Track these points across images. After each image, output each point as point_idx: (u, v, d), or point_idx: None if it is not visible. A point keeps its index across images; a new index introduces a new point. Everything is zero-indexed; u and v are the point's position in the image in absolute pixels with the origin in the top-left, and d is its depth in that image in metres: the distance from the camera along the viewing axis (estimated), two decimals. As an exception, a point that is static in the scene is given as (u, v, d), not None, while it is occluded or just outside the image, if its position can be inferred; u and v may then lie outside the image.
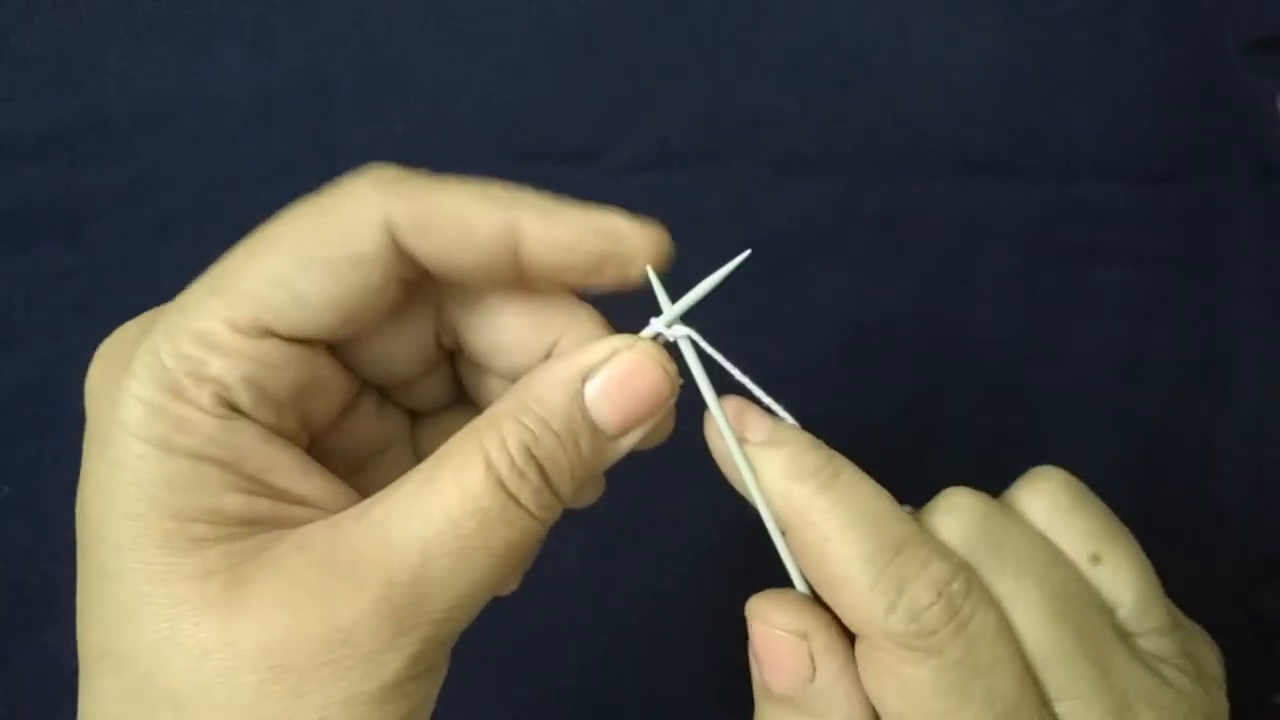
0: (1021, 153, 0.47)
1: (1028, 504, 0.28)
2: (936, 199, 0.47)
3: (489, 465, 0.24)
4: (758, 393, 0.28)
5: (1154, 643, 0.28)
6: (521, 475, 0.24)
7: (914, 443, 0.47)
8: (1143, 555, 0.29)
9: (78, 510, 0.24)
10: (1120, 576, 0.28)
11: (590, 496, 0.29)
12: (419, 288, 0.26)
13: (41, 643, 0.45)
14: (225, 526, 0.23)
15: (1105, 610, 0.28)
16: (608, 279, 0.27)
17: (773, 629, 0.26)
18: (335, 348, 0.27)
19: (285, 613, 0.22)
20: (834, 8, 0.47)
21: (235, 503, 0.24)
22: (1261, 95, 0.47)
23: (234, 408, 0.24)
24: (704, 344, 0.28)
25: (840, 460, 0.26)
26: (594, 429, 0.25)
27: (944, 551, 0.26)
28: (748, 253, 0.27)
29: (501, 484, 0.24)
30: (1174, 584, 0.32)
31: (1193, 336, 0.48)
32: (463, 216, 0.25)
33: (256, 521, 0.24)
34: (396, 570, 0.23)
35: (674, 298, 0.28)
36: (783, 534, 0.26)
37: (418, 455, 0.30)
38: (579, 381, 0.25)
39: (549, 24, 0.47)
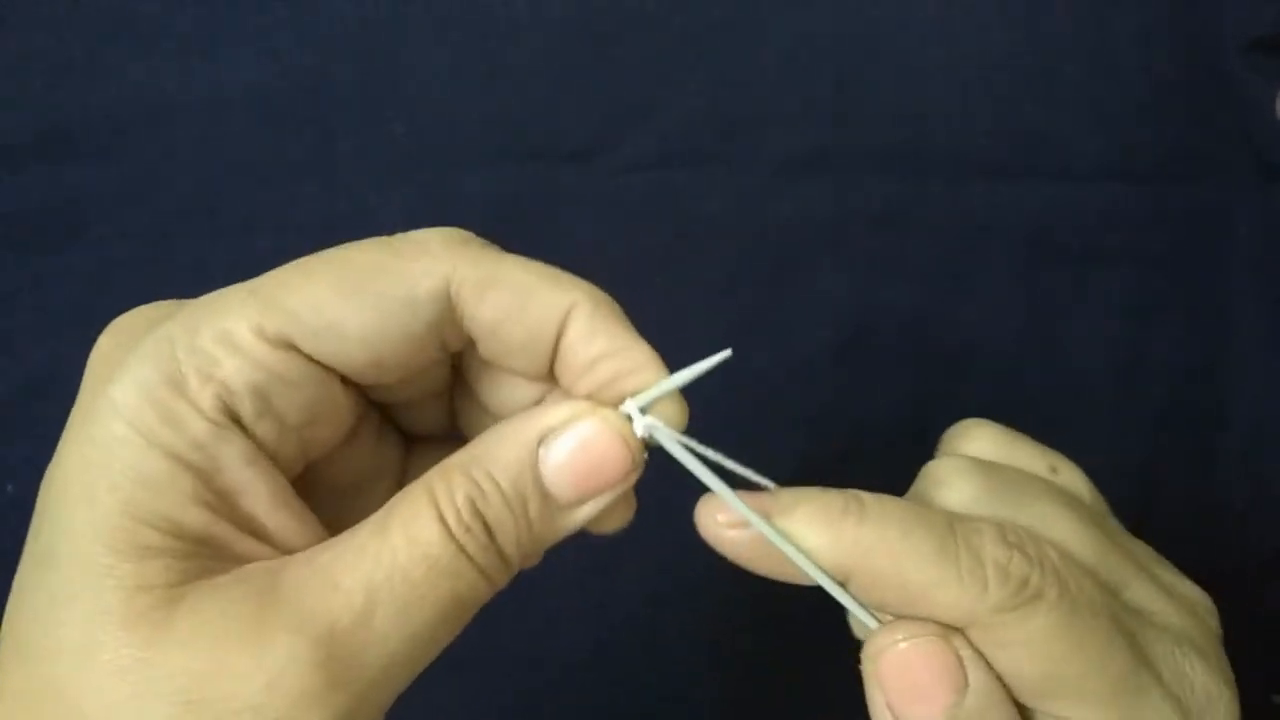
0: (1021, 154, 0.48)
1: (976, 448, 0.30)
2: (936, 200, 0.48)
3: (439, 514, 0.23)
4: (737, 468, 0.26)
5: (1137, 594, 0.29)
6: (468, 530, 0.23)
7: (913, 443, 0.47)
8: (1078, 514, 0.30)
9: (43, 483, 0.23)
10: (1077, 477, 0.30)
11: (617, 522, 0.27)
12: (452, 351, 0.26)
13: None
14: (177, 540, 0.22)
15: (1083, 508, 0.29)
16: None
17: (909, 643, 0.25)
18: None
19: (213, 644, 0.21)
20: (834, 9, 0.47)
21: (196, 517, 0.22)
22: (1261, 96, 0.47)
23: (232, 417, 0.23)
24: (675, 438, 0.26)
25: (846, 490, 0.26)
26: (544, 494, 0.24)
27: (979, 514, 0.26)
28: (728, 352, 0.26)
29: (450, 535, 0.23)
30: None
31: (1192, 337, 0.48)
32: (522, 286, 0.24)
33: (211, 544, 0.23)
34: (339, 614, 0.22)
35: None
36: (843, 584, 0.26)
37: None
38: (535, 442, 0.24)
39: (549, 24, 0.47)
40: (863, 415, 0.47)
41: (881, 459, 0.27)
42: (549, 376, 0.26)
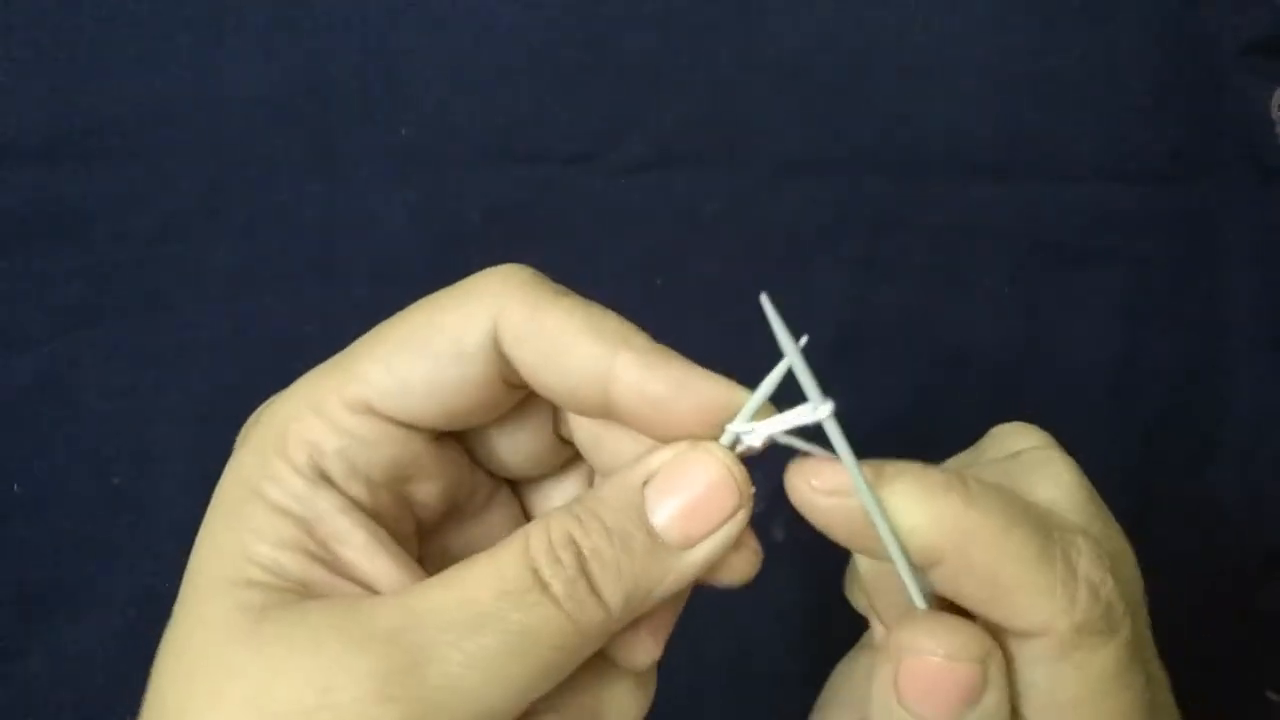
0: (1018, 154, 0.48)
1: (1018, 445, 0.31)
2: (934, 200, 0.48)
3: (525, 549, 0.23)
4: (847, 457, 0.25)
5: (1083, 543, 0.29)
6: (557, 561, 0.23)
7: (911, 443, 0.47)
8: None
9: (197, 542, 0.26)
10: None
11: (742, 570, 0.27)
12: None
13: (50, 640, 0.45)
14: (279, 578, 0.24)
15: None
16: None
17: (943, 659, 0.24)
18: (465, 441, 0.28)
19: (286, 659, 0.22)
20: (832, 11, 0.48)
21: (295, 562, 0.24)
22: (1257, 98, 0.47)
23: (324, 475, 0.25)
24: (773, 427, 0.25)
25: (960, 473, 0.25)
26: (649, 531, 0.24)
27: (1072, 518, 0.26)
28: (805, 339, 0.26)
29: (534, 570, 0.23)
30: (1171, 582, 0.33)
31: (1189, 337, 0.48)
32: (561, 339, 0.25)
33: (310, 584, 0.24)
34: (400, 629, 0.22)
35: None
36: (923, 570, 0.25)
37: None
38: (640, 483, 0.25)
39: (550, 26, 0.47)
40: (860, 415, 0.47)
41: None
42: (608, 416, 0.26)
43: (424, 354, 0.25)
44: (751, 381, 0.26)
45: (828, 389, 0.29)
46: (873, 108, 0.48)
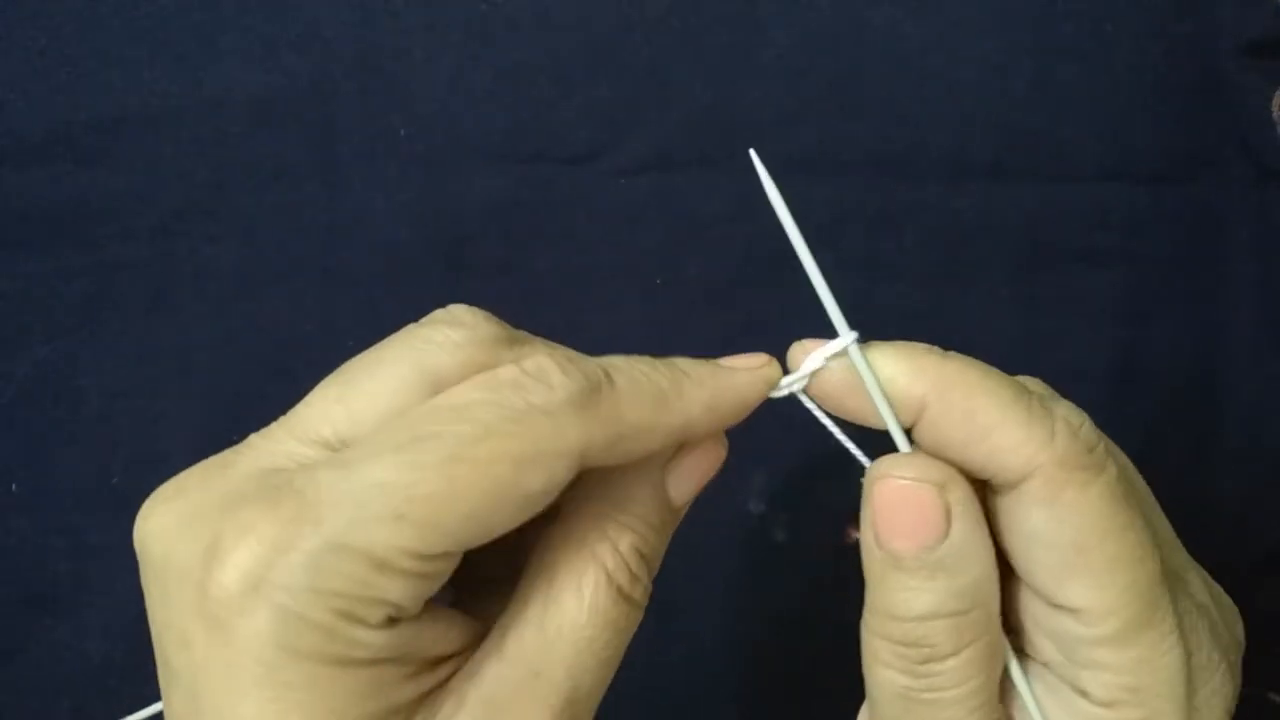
0: (1017, 155, 0.48)
1: None
2: (933, 201, 0.48)
3: (609, 577, 0.25)
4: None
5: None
6: (635, 578, 0.26)
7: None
8: None
9: (179, 693, 0.23)
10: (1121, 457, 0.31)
11: None
12: None
13: (46, 639, 0.45)
14: (399, 713, 0.24)
15: None
16: None
17: (907, 483, 0.26)
18: None
19: None
20: (831, 12, 0.48)
21: (408, 690, 0.24)
22: (1257, 98, 0.47)
23: (400, 617, 0.24)
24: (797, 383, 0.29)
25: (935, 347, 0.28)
26: (675, 511, 0.28)
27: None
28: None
29: (621, 592, 0.25)
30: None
31: (1188, 337, 0.48)
32: (647, 432, 0.26)
33: (423, 697, 0.24)
34: (553, 700, 0.24)
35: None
36: (908, 431, 0.27)
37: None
38: (662, 474, 0.27)
39: (550, 27, 0.47)
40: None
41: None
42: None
43: (513, 499, 0.23)
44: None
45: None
46: (872, 108, 0.48)
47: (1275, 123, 0.47)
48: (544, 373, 0.24)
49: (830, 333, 0.29)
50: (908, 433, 0.27)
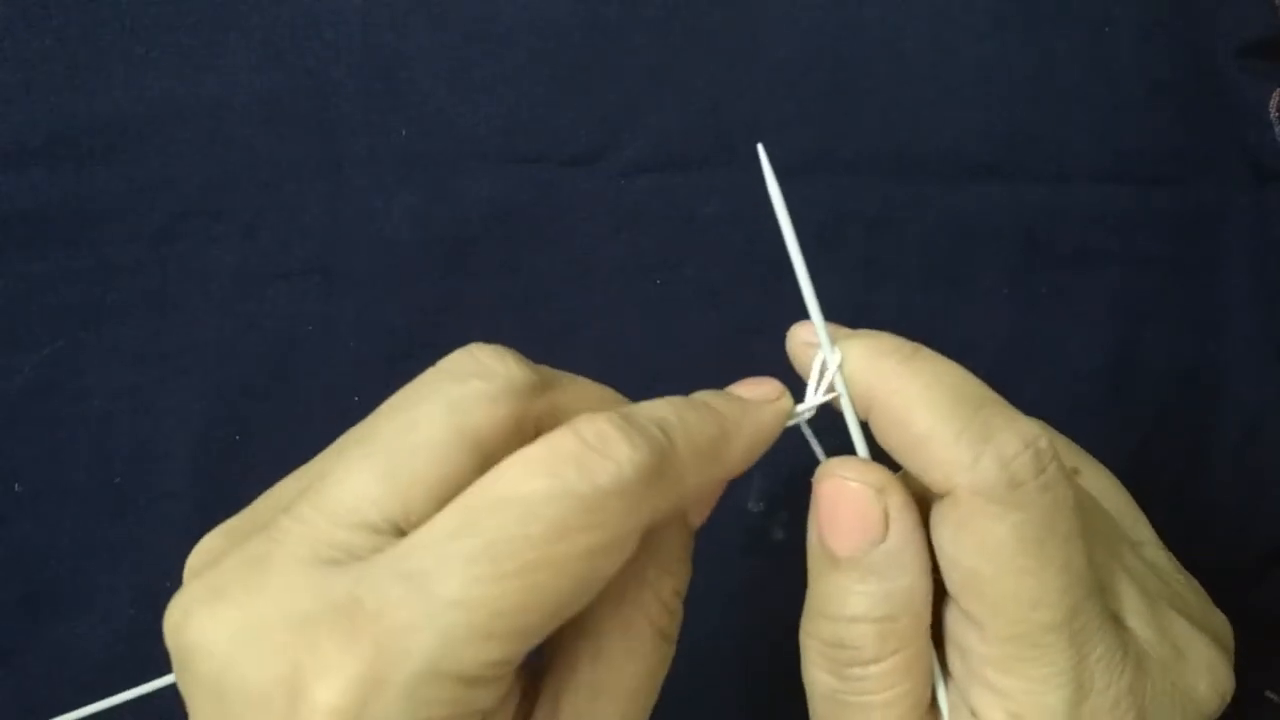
0: (1015, 155, 0.48)
1: None
2: (931, 201, 0.48)
3: (652, 625, 0.26)
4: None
5: (1153, 555, 0.29)
6: (674, 617, 0.26)
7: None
8: (1114, 477, 0.30)
9: None
10: (1099, 486, 0.30)
11: None
12: None
13: (49, 638, 0.45)
14: None
15: (1109, 519, 0.29)
16: None
17: (848, 483, 0.27)
18: None
19: None
20: (830, 13, 0.48)
21: None
22: (1254, 99, 0.48)
23: (490, 714, 0.23)
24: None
25: (919, 345, 0.28)
26: (690, 533, 0.28)
27: (1027, 417, 0.26)
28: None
29: (663, 635, 0.26)
30: (1168, 581, 0.33)
31: (1185, 338, 0.48)
32: (704, 489, 0.27)
33: None
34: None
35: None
36: (863, 424, 0.28)
37: None
38: (686, 515, 0.28)
39: (550, 28, 0.47)
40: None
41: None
42: None
43: (593, 585, 0.23)
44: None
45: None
46: (872, 108, 0.48)
47: (1273, 123, 0.47)
48: (606, 444, 0.23)
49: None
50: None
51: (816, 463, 0.28)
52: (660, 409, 0.25)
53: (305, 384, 0.46)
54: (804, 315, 0.30)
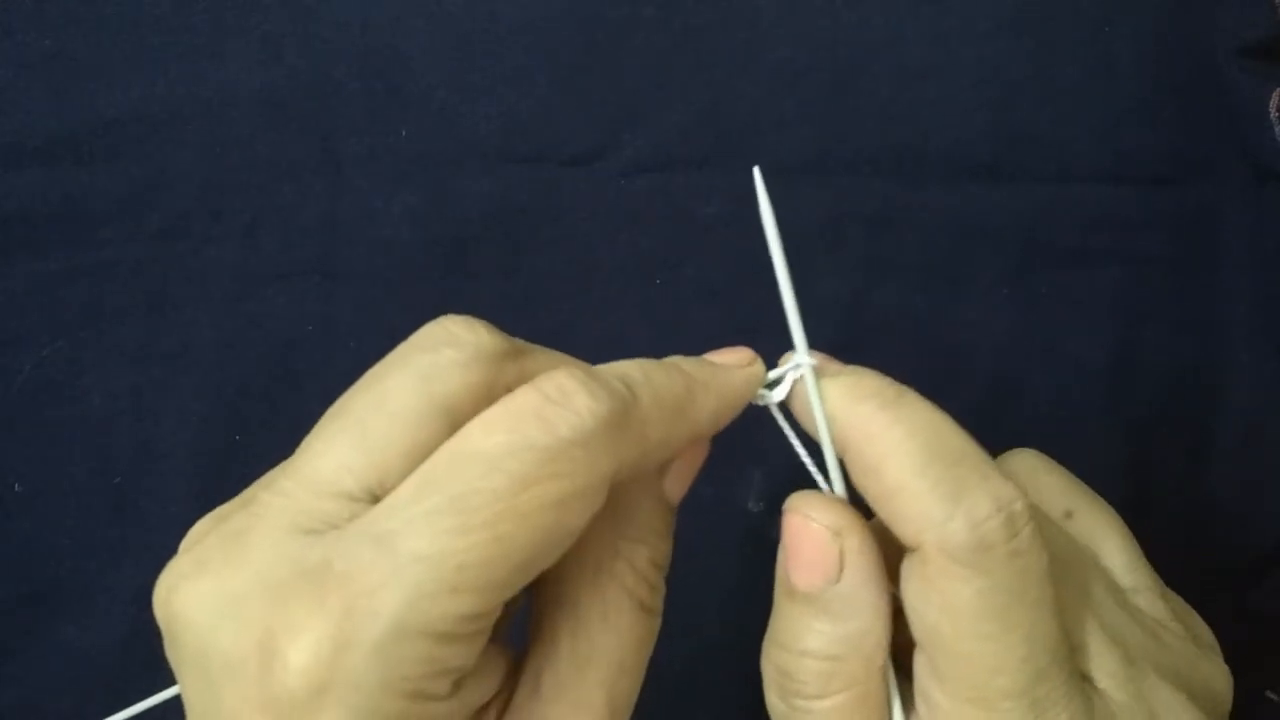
0: (1015, 156, 0.48)
1: (1005, 470, 0.30)
2: (931, 201, 0.48)
3: (631, 596, 0.25)
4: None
5: (1147, 603, 0.29)
6: (654, 589, 0.26)
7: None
8: (1116, 516, 0.30)
9: None
10: (1095, 531, 0.30)
11: None
12: None
13: (50, 638, 0.45)
14: None
15: (1098, 569, 0.28)
16: None
17: (809, 521, 0.27)
18: None
19: None
20: (830, 13, 0.48)
21: None
22: (1254, 99, 0.48)
23: (464, 676, 0.23)
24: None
25: (905, 387, 0.27)
26: (670, 508, 0.28)
27: (1007, 474, 0.25)
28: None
29: (643, 606, 0.26)
30: (1168, 580, 0.33)
31: (1184, 338, 0.48)
32: (668, 445, 0.26)
33: None
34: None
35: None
36: (840, 461, 0.27)
37: None
38: (660, 482, 0.27)
39: (550, 29, 0.47)
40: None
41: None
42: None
43: (560, 540, 0.23)
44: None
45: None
46: (872, 109, 0.48)
47: (1273, 123, 0.47)
48: (567, 396, 0.23)
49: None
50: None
51: (816, 463, 0.28)
52: (625, 366, 0.26)
53: (305, 384, 0.46)
54: (807, 313, 0.30)
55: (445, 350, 0.24)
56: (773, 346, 0.30)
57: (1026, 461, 0.31)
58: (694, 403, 0.26)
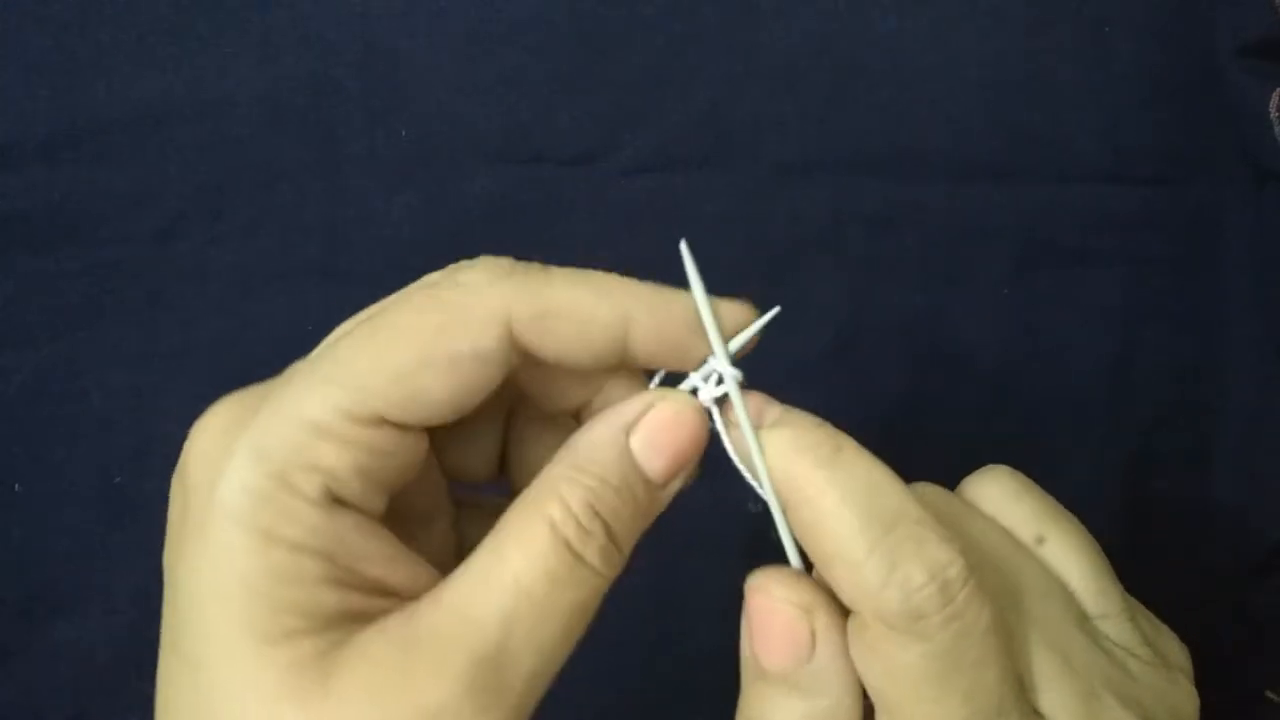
0: (1016, 155, 0.48)
1: (976, 493, 0.30)
2: (932, 202, 0.48)
3: (553, 529, 0.24)
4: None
5: (1115, 630, 0.28)
6: (588, 534, 0.24)
7: (909, 444, 0.47)
8: (1090, 539, 0.29)
9: (166, 590, 0.24)
10: (1066, 557, 0.29)
11: (690, 479, 0.29)
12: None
13: (47, 638, 0.45)
14: (316, 618, 0.23)
15: (1064, 597, 0.28)
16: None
17: (776, 601, 0.26)
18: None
19: (372, 699, 0.23)
20: (830, 13, 0.48)
21: (330, 596, 0.23)
22: (1255, 99, 0.47)
23: (340, 498, 0.24)
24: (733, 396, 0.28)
25: (844, 438, 0.27)
26: (645, 479, 0.26)
27: (945, 536, 0.25)
28: (777, 309, 0.28)
29: (568, 545, 0.24)
30: (1168, 582, 0.33)
31: (1185, 338, 0.48)
32: (579, 310, 0.26)
33: (346, 613, 0.24)
34: (477, 646, 0.23)
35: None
36: (784, 513, 0.27)
37: (459, 534, 0.30)
38: (624, 437, 0.26)
39: (550, 28, 0.47)
40: (860, 416, 0.47)
41: (879, 459, 0.28)
42: (618, 368, 0.28)
43: (441, 361, 0.24)
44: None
45: (826, 390, 0.29)
46: (872, 108, 0.48)
47: (1273, 123, 0.47)
48: (476, 260, 0.26)
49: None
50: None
51: None
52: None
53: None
54: (807, 312, 0.30)
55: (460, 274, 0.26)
56: (772, 346, 0.30)
57: (999, 484, 0.30)
58: (620, 286, 0.27)
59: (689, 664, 0.46)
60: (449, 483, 0.30)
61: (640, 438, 0.26)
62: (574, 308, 0.26)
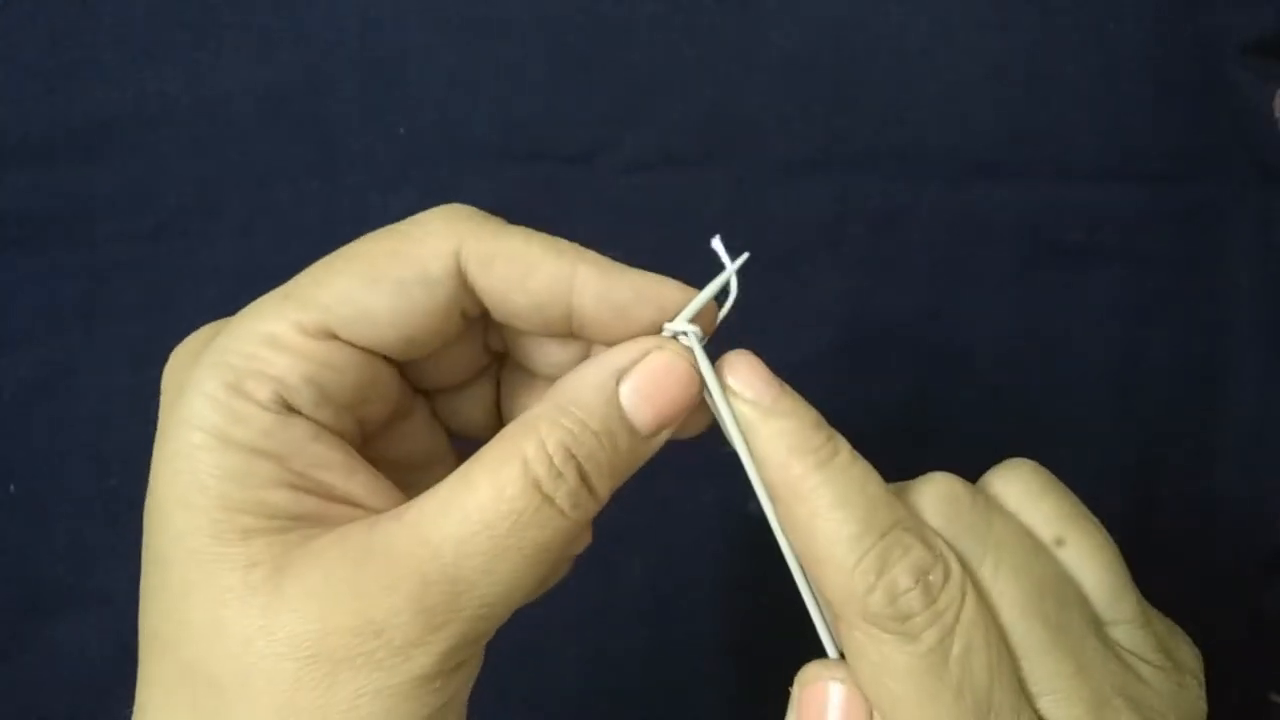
0: (1019, 153, 0.48)
1: (999, 489, 0.29)
2: (934, 199, 0.48)
3: (525, 466, 0.24)
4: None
5: (1128, 635, 0.28)
6: (559, 475, 0.25)
7: (911, 443, 0.47)
8: (1109, 543, 0.29)
9: (146, 499, 0.26)
10: (1084, 561, 0.29)
11: (695, 429, 0.29)
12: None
13: (46, 638, 0.45)
14: (272, 519, 0.24)
15: (1080, 602, 0.28)
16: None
17: (842, 689, 0.27)
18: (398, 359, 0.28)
19: (322, 604, 0.23)
20: (832, 10, 0.48)
21: (283, 497, 0.25)
22: (1259, 97, 0.47)
23: (291, 406, 0.25)
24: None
25: (840, 440, 0.27)
26: (630, 428, 0.26)
27: (929, 539, 0.26)
28: (745, 256, 0.29)
29: (537, 485, 0.25)
30: (1173, 582, 0.33)
31: (1189, 337, 0.48)
32: (524, 259, 0.26)
33: (303, 517, 0.25)
34: (430, 569, 0.24)
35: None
36: (772, 503, 0.27)
37: None
38: (613, 382, 0.26)
39: (550, 25, 0.47)
40: (862, 415, 0.47)
41: (880, 459, 0.27)
42: (570, 335, 0.28)
43: (388, 282, 0.26)
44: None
45: (828, 388, 0.29)
46: (873, 107, 0.48)
47: (1277, 121, 0.47)
48: (442, 206, 0.27)
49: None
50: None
51: None
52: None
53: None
54: (807, 312, 0.30)
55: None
56: (773, 346, 0.30)
57: (1023, 480, 0.30)
58: (574, 248, 0.27)
59: (689, 664, 0.46)
60: (451, 438, 0.31)
61: (631, 385, 0.26)
62: (521, 253, 0.26)
